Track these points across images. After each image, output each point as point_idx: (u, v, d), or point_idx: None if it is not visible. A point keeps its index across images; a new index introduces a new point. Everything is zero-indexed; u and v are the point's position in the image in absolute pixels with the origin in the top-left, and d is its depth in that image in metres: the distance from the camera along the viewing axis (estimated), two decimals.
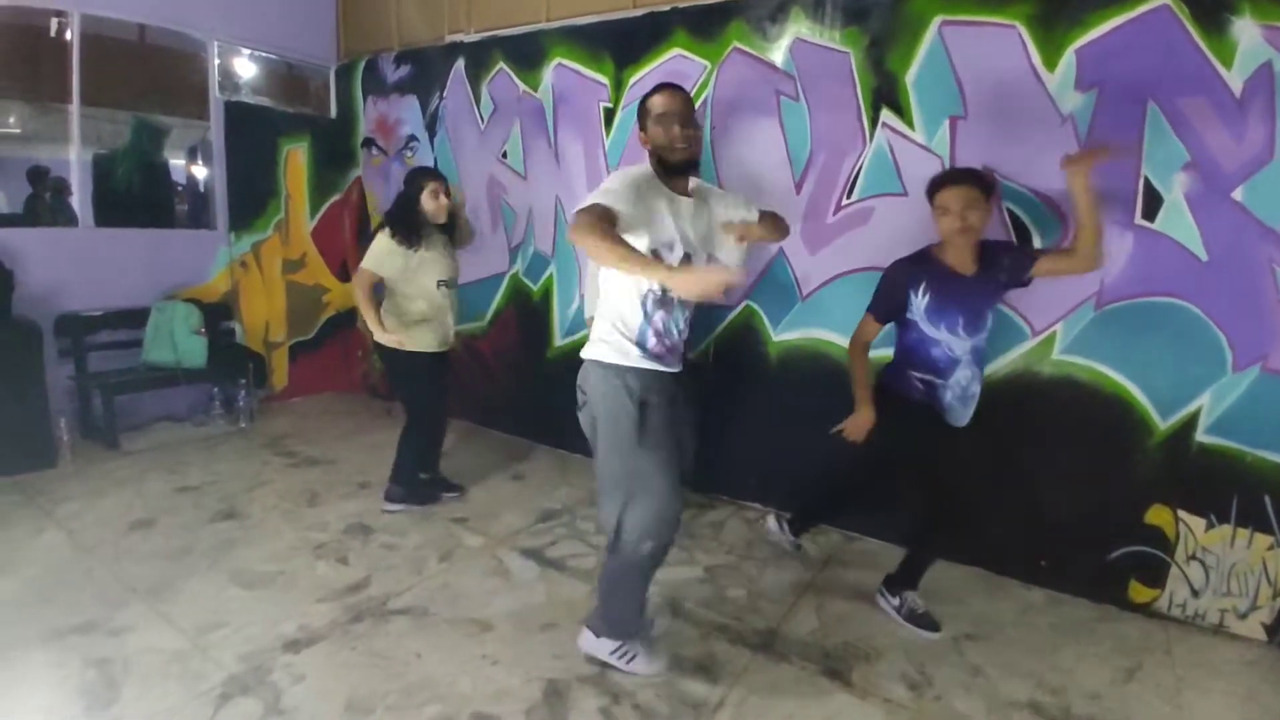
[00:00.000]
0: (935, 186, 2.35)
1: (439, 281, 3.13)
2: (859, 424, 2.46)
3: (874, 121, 3.02)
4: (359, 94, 5.09)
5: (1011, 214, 2.78)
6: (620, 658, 2.21)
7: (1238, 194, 2.42)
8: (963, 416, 2.46)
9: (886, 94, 2.98)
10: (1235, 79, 2.38)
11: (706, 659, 2.31)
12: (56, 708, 1.97)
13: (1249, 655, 2.47)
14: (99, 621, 2.35)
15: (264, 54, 4.86)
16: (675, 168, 2.00)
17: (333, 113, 5.25)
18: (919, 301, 2.37)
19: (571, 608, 2.57)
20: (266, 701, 2.02)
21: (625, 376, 2.00)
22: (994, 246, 2.43)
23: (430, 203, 3.07)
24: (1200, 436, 2.57)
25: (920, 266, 2.39)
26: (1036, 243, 2.75)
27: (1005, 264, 2.38)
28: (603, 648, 2.22)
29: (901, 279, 2.41)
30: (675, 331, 2.06)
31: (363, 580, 2.71)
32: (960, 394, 2.41)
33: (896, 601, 2.57)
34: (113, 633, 2.30)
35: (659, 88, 2.03)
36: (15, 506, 3.23)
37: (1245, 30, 2.34)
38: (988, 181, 2.34)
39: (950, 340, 2.36)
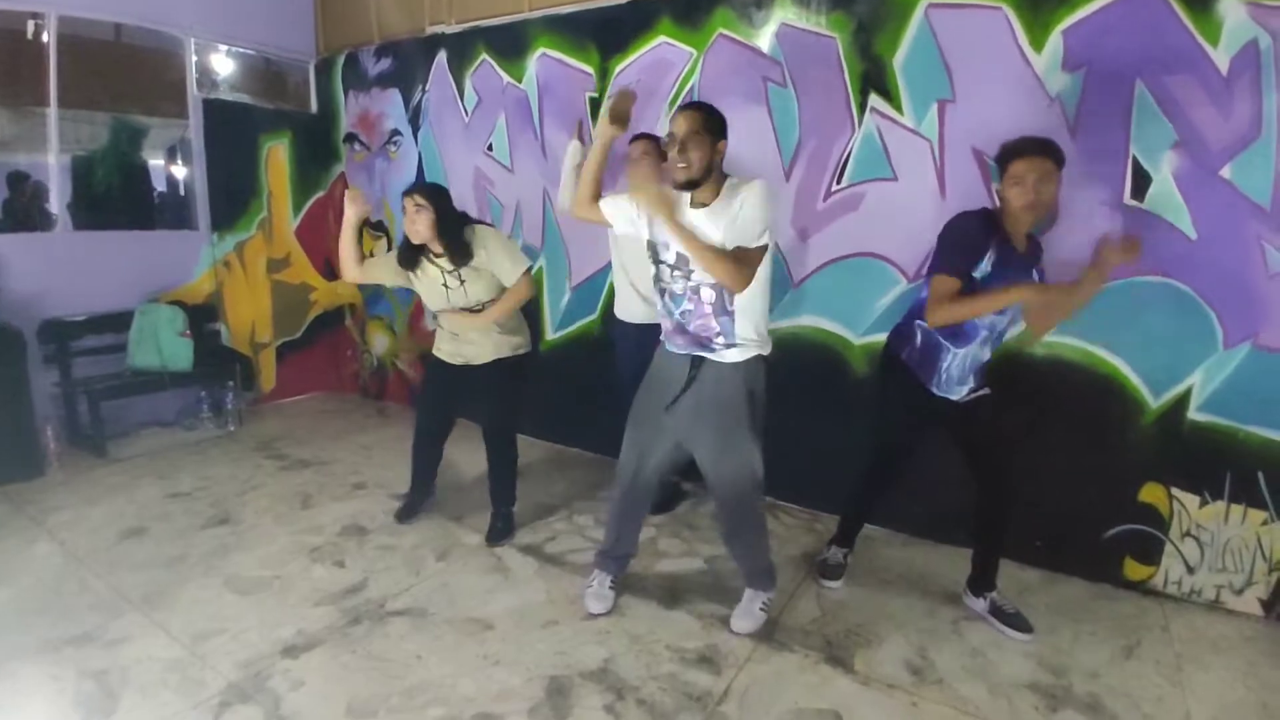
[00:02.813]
0: (1010, 155, 2.16)
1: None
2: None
3: (862, 106, 3.00)
4: (339, 88, 5.02)
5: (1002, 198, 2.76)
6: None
7: (1226, 172, 2.42)
8: (957, 390, 2.35)
9: (874, 78, 2.96)
10: (1221, 57, 2.37)
11: (709, 650, 2.31)
12: None
13: (1246, 630, 2.50)
14: (94, 632, 2.32)
15: (242, 50, 4.78)
16: (678, 187, 2.11)
17: (313, 108, 5.17)
18: (985, 265, 2.15)
19: (572, 604, 2.57)
20: (266, 708, 2.00)
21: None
22: (1035, 240, 2.34)
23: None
24: (1192, 414, 2.58)
25: (991, 227, 2.19)
26: None
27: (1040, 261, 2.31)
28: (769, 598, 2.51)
29: (981, 236, 2.17)
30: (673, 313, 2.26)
31: (360, 582, 2.69)
32: (963, 365, 2.31)
33: (984, 603, 2.53)
34: (109, 643, 2.27)
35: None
36: (5, 517, 3.18)
37: (1231, 8, 2.34)
38: (1061, 155, 2.15)
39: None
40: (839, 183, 3.11)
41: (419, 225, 2.71)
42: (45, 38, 3.88)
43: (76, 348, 4.05)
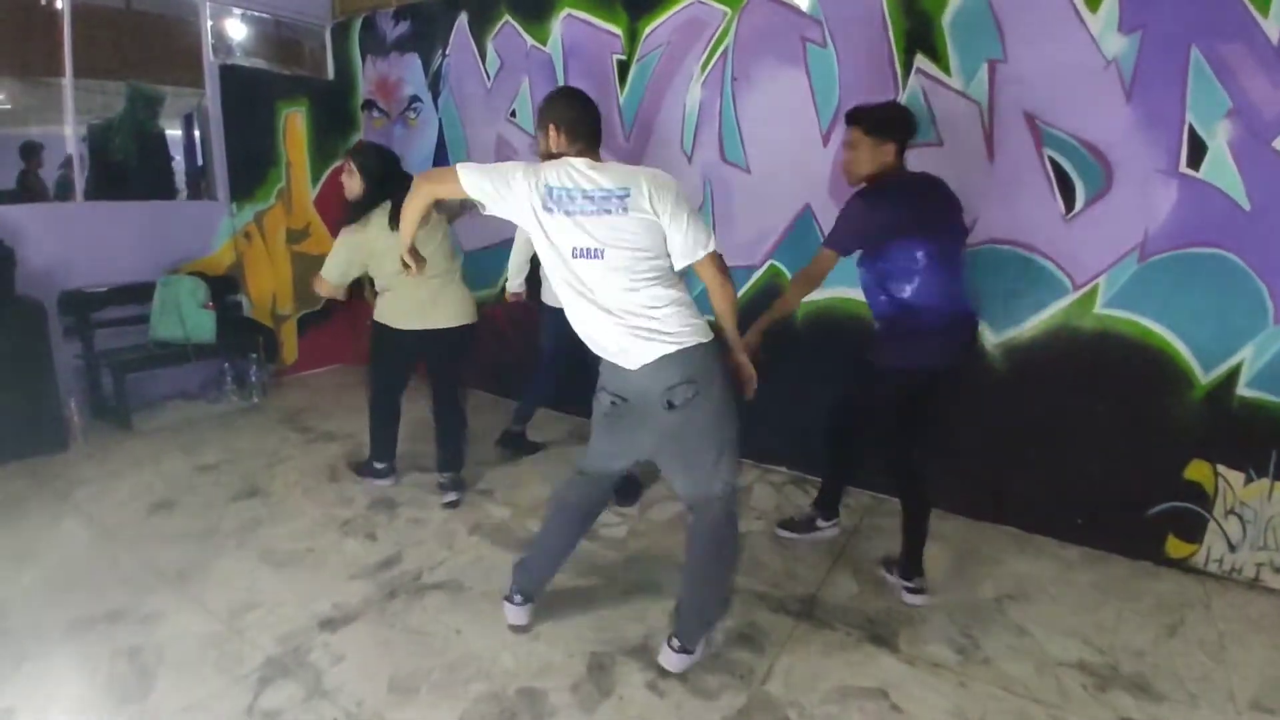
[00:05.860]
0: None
1: None
2: None
3: (907, 67, 2.88)
4: (357, 54, 4.90)
5: (1054, 162, 2.67)
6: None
7: (1278, 143, 2.33)
8: None
9: (921, 37, 2.84)
10: (1272, 27, 2.28)
11: (749, 628, 2.28)
12: (89, 701, 1.92)
13: None
14: (127, 608, 2.31)
15: (256, 13, 4.66)
16: None
17: (330, 74, 5.05)
18: None
19: (607, 578, 2.55)
20: (308, 683, 1.98)
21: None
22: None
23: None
24: (1241, 390, 2.51)
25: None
26: (1080, 194, 2.65)
27: None
28: (701, 652, 2.10)
29: None
30: None
31: (394, 556, 2.68)
32: None
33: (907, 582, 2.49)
34: (142, 620, 2.26)
35: None
36: (30, 491, 3.17)
37: None
38: (874, 124, 2.24)
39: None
40: None
41: (352, 185, 2.84)
42: (59, 4, 3.80)
43: (98, 319, 4.01)
